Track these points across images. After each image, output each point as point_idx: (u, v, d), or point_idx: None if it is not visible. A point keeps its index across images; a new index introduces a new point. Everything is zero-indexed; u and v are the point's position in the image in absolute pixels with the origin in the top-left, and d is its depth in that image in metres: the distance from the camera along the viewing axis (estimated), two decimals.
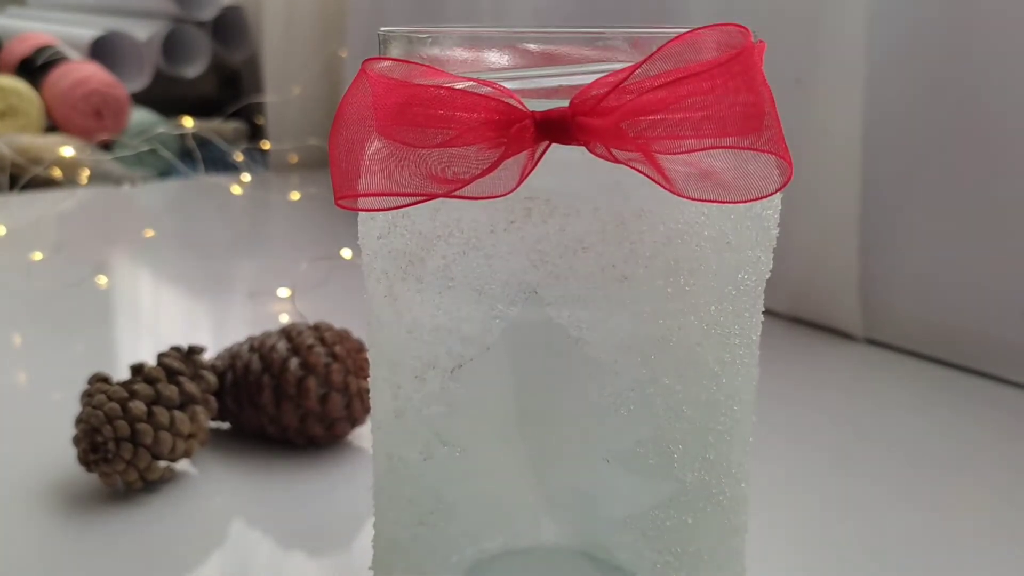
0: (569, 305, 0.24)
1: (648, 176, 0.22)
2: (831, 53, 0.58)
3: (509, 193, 0.22)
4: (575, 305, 0.24)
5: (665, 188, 0.22)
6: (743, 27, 0.22)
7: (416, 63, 0.23)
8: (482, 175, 0.22)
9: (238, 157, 0.98)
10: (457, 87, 0.22)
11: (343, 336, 0.45)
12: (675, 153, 0.21)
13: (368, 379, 0.44)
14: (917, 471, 0.44)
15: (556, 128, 0.22)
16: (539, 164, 0.22)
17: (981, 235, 0.54)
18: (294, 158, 1.18)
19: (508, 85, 0.22)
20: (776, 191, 0.22)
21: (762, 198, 0.22)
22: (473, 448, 0.26)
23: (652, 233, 0.23)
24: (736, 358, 0.26)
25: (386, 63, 0.23)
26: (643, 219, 0.23)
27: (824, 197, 0.60)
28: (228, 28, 1.37)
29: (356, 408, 0.44)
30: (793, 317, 0.64)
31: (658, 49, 0.21)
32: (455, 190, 0.22)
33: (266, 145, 1.16)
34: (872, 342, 0.60)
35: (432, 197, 0.22)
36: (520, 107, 0.22)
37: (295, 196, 0.98)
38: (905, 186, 0.58)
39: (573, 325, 0.24)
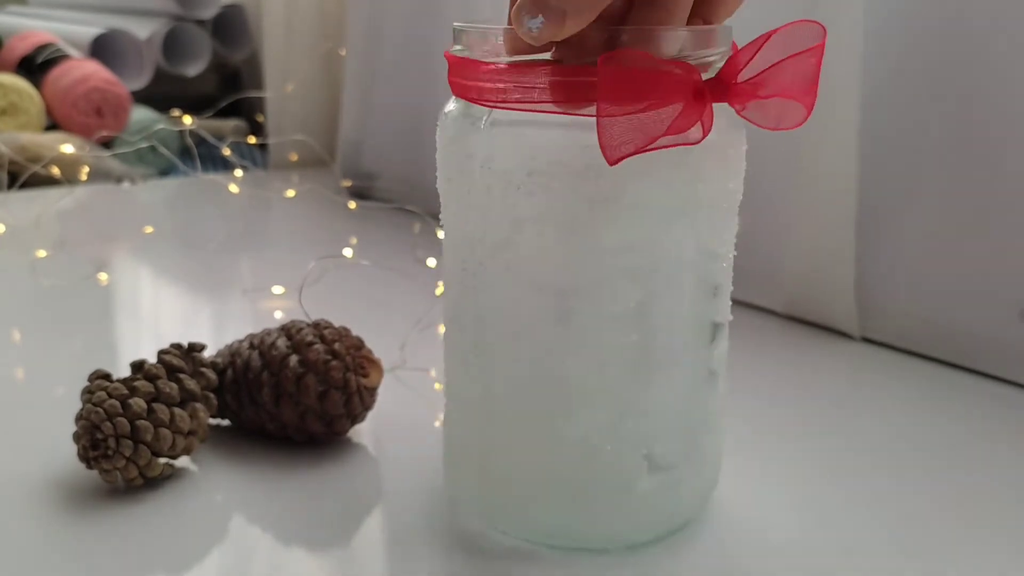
0: (704, 216, 0.34)
1: (751, 119, 0.33)
2: (829, 53, 0.58)
3: (704, 139, 0.31)
4: (707, 215, 0.34)
5: (760, 125, 0.33)
6: (821, 25, 0.32)
7: (642, 52, 0.31)
8: (682, 127, 0.31)
9: (225, 152, 0.98)
10: (662, 68, 0.30)
11: (343, 334, 0.45)
12: (772, 99, 0.32)
13: (370, 376, 0.45)
14: (913, 469, 0.45)
15: (717, 91, 0.32)
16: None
17: (977, 234, 0.55)
18: (294, 156, 1.18)
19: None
20: (801, 123, 0.33)
21: (795, 127, 0.33)
22: (640, 334, 0.34)
23: (735, 160, 0.35)
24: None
25: (619, 56, 0.30)
26: (735, 151, 0.35)
27: (821, 197, 0.60)
28: (229, 27, 1.37)
29: (355, 405, 0.44)
30: (790, 316, 0.64)
31: (767, 37, 0.32)
32: (666, 140, 0.31)
33: (252, 140, 1.16)
34: (869, 341, 0.61)
35: (672, 145, 0.31)
36: (700, 78, 0.31)
37: (290, 194, 0.99)
38: (902, 186, 0.58)
39: (705, 229, 0.34)
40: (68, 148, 1.00)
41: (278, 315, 0.65)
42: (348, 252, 0.72)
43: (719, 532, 0.39)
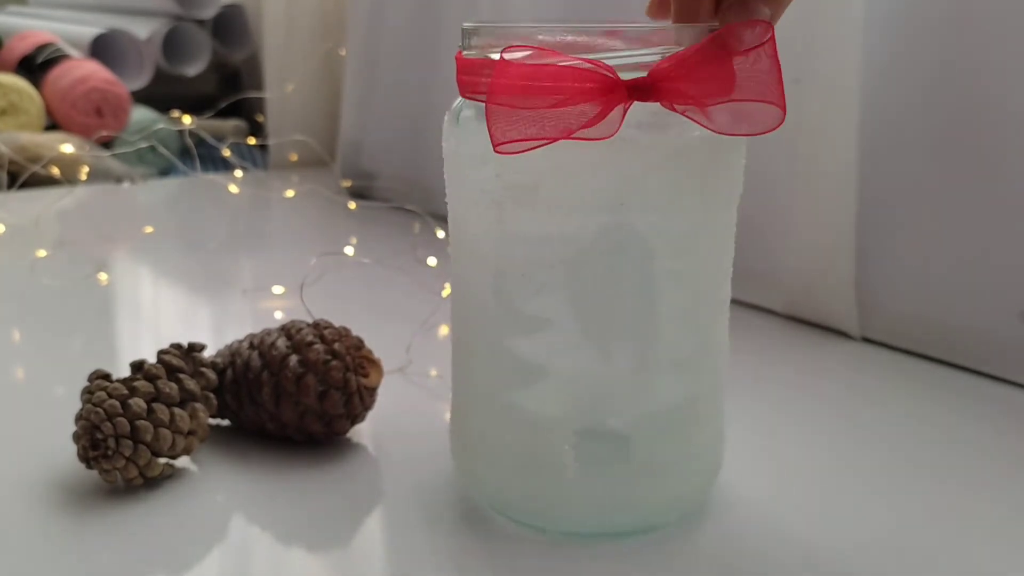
0: (644, 212, 0.34)
1: (696, 121, 0.32)
2: (829, 53, 0.58)
3: (613, 135, 0.31)
4: (647, 212, 0.34)
5: (708, 128, 0.32)
6: (767, 23, 0.32)
7: (540, 48, 0.32)
8: (590, 124, 0.31)
9: (225, 152, 0.98)
10: (569, 65, 0.31)
11: (342, 334, 0.45)
12: (715, 105, 0.32)
13: (370, 376, 0.45)
14: (913, 468, 0.45)
15: (641, 90, 0.31)
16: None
17: (977, 234, 0.55)
18: (294, 156, 1.18)
19: (609, 63, 0.31)
20: (775, 128, 0.32)
21: (767, 132, 0.32)
22: (566, 321, 0.35)
23: (694, 162, 0.34)
24: (727, 245, 0.37)
25: (517, 52, 0.31)
26: (689, 152, 0.34)
27: (821, 197, 0.60)
28: (229, 27, 1.37)
29: (355, 405, 0.44)
30: (790, 316, 0.64)
31: (707, 39, 0.32)
32: (575, 135, 0.31)
33: (252, 140, 1.16)
34: (869, 341, 0.61)
35: (568, 137, 0.31)
36: (616, 76, 0.31)
37: (290, 194, 0.99)
38: (902, 186, 0.58)
39: (643, 223, 0.34)
40: (68, 148, 1.00)
41: (278, 315, 0.65)
42: (349, 250, 0.72)
43: (718, 528, 0.39)
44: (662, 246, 0.35)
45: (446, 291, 0.63)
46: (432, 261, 0.71)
